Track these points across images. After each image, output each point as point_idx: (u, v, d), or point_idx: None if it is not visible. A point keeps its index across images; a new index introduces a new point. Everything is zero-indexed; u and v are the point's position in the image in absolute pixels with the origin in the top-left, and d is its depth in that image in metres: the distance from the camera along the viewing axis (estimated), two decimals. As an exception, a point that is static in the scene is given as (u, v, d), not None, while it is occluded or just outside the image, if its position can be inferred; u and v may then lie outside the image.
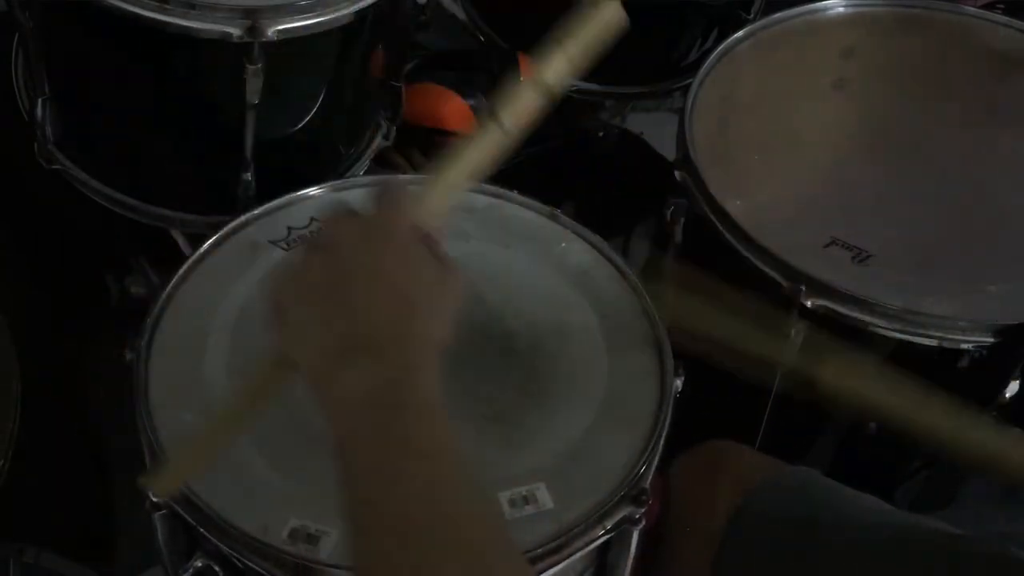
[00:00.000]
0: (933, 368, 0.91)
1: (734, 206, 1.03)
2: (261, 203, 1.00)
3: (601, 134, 1.48)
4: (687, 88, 1.15)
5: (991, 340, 0.95)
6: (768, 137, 1.15)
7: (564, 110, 0.92)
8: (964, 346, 0.97)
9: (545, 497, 0.80)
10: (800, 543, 0.89)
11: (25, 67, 1.18)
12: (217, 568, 0.80)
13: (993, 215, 1.10)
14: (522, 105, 0.72)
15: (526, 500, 0.80)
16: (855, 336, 0.98)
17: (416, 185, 0.71)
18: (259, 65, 1.00)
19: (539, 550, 0.77)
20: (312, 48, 1.07)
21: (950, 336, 0.96)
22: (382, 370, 0.60)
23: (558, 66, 0.71)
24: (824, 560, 0.87)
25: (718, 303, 0.90)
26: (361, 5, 1.05)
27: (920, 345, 0.97)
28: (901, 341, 0.97)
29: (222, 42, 0.99)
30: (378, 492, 0.57)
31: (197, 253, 0.95)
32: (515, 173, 0.97)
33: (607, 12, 0.73)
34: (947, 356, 0.97)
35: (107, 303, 1.39)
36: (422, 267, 0.65)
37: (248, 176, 1.10)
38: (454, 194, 0.71)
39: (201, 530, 0.78)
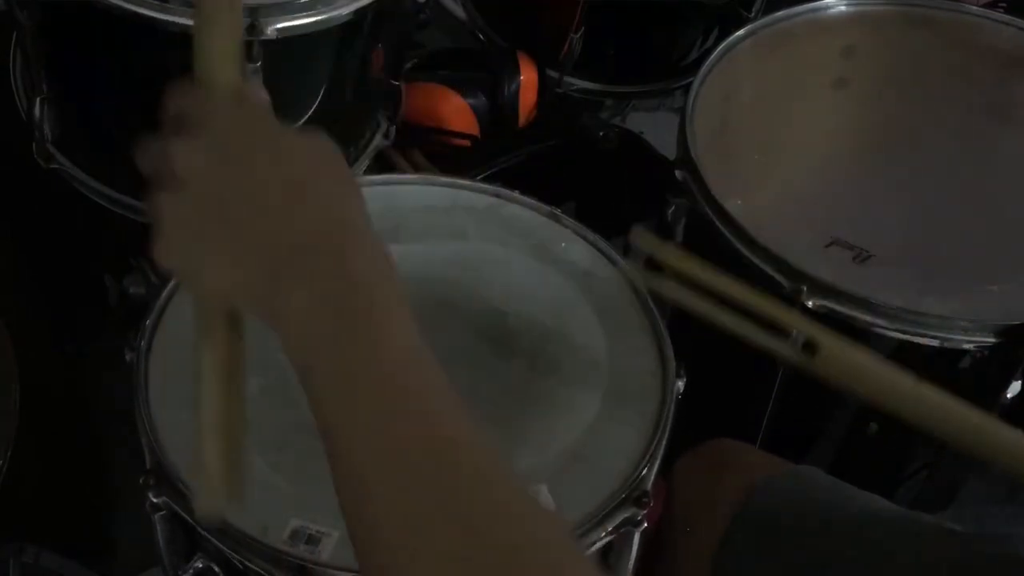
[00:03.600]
0: (934, 368, 0.91)
1: (734, 206, 1.03)
2: (261, 203, 0.99)
3: (601, 134, 1.48)
4: (687, 87, 1.14)
5: (992, 340, 0.95)
6: (769, 137, 1.15)
7: (564, 110, 0.93)
8: (965, 346, 0.96)
9: (546, 499, 0.80)
10: (802, 542, 0.89)
11: (23, 66, 1.18)
12: (217, 569, 0.80)
13: (994, 215, 1.10)
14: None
15: (527, 501, 0.80)
16: (856, 336, 0.98)
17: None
18: (258, 64, 1.00)
19: (540, 551, 0.77)
20: (311, 47, 1.07)
21: (951, 336, 0.96)
22: (322, 287, 0.52)
23: None
24: (826, 559, 0.87)
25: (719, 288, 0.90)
26: (361, 4, 1.04)
27: (921, 345, 0.96)
28: (902, 341, 0.97)
29: (222, 41, 0.99)
30: (349, 419, 0.50)
31: (197, 253, 0.94)
32: (515, 173, 0.97)
33: None
34: (948, 356, 0.97)
35: (107, 303, 1.39)
36: (307, 146, 0.58)
37: (248, 176, 1.10)
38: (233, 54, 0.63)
39: (201, 531, 0.78)
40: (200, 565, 0.80)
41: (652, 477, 0.85)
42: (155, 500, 0.79)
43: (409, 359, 0.51)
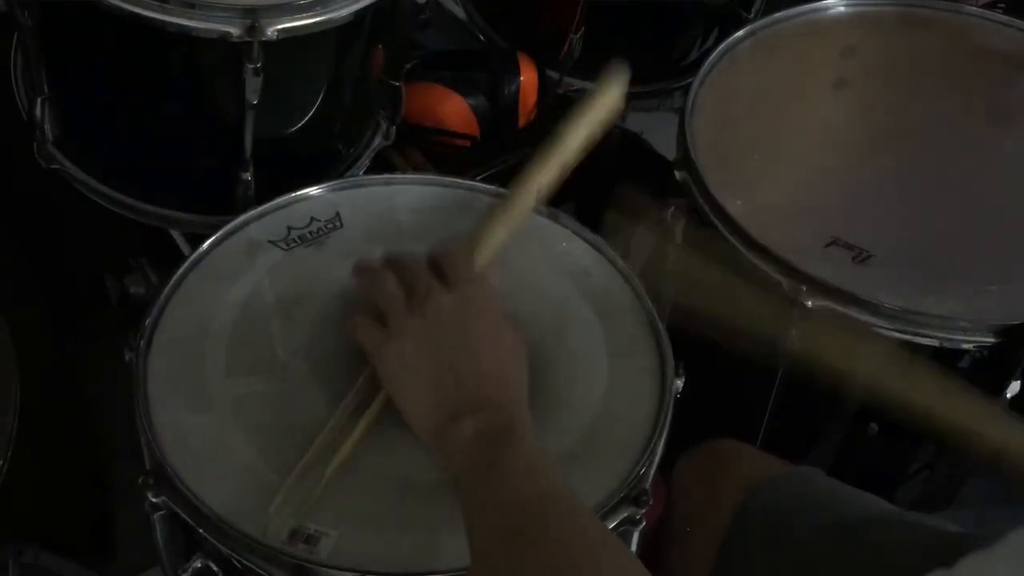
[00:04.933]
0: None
1: (734, 206, 1.03)
2: (261, 203, 1.00)
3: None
4: (687, 88, 1.15)
5: (992, 340, 0.95)
6: (768, 137, 1.15)
7: (564, 110, 0.93)
8: (965, 346, 0.97)
9: None
10: (802, 542, 0.89)
11: (24, 67, 1.18)
12: (216, 568, 0.80)
13: (994, 215, 1.10)
14: (556, 167, 0.89)
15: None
16: (856, 336, 0.98)
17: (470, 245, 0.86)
18: (258, 64, 1.00)
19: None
20: (312, 47, 1.07)
21: (951, 336, 0.96)
22: (487, 425, 0.73)
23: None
24: (826, 560, 0.87)
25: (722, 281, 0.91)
26: (361, 4, 1.04)
27: (921, 345, 0.96)
28: (902, 341, 0.97)
29: (222, 41, 0.99)
30: (495, 515, 0.69)
31: (196, 253, 0.94)
32: (515, 173, 0.97)
33: (610, 99, 0.84)
34: (948, 356, 0.97)
35: (107, 303, 1.39)
36: (506, 339, 0.80)
37: (248, 176, 1.10)
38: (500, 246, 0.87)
39: (200, 531, 0.78)
40: (199, 565, 0.80)
41: (651, 476, 0.85)
42: (154, 500, 0.79)
43: (533, 472, 0.71)
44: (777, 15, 1.25)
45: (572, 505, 0.69)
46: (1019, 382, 0.97)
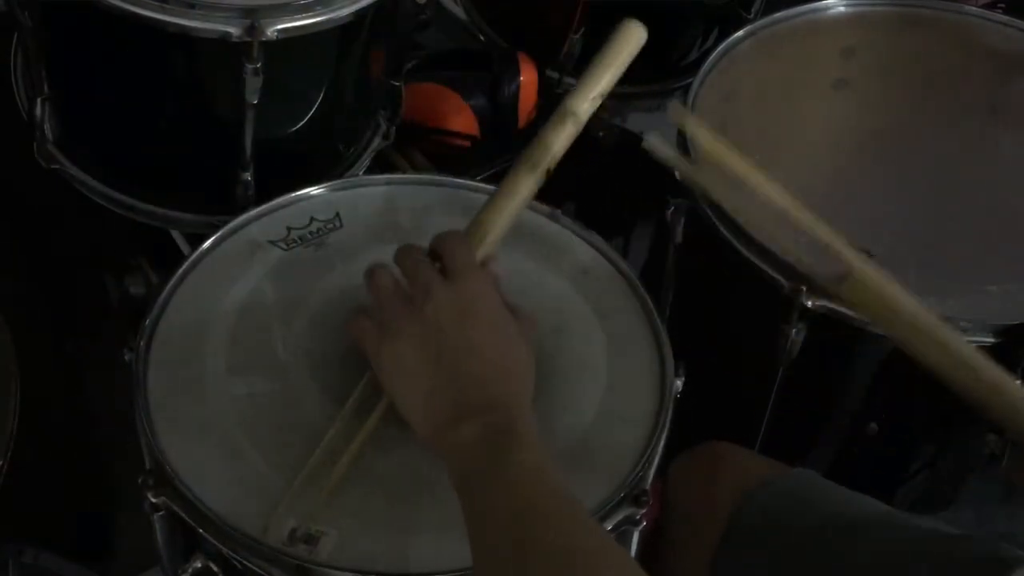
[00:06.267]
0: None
1: (734, 206, 1.03)
2: (261, 203, 1.00)
3: (601, 134, 1.48)
4: (687, 88, 1.15)
5: (991, 340, 0.95)
6: (769, 137, 1.15)
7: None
8: (965, 346, 0.96)
9: None
10: (799, 545, 0.89)
11: (24, 67, 1.18)
12: (216, 569, 0.80)
13: (994, 215, 1.10)
14: (560, 145, 0.85)
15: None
16: (856, 336, 0.98)
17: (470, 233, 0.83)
18: (258, 65, 1.00)
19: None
20: (312, 47, 1.07)
21: (951, 336, 0.96)
22: (487, 428, 0.71)
23: (592, 97, 0.79)
24: (823, 562, 0.87)
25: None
26: (361, 4, 1.04)
27: (921, 345, 0.96)
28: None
29: (221, 42, 0.99)
30: (495, 520, 0.68)
31: (196, 253, 0.94)
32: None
33: (634, 35, 0.82)
34: (947, 356, 0.97)
35: (107, 303, 1.39)
36: (509, 333, 0.77)
37: (248, 176, 1.10)
38: (502, 234, 0.84)
39: (200, 531, 0.78)
40: (199, 565, 0.80)
41: (651, 476, 0.85)
42: (154, 500, 0.79)
43: (535, 479, 0.70)
44: (777, 15, 1.25)
45: (573, 511, 0.69)
46: (1019, 382, 0.97)
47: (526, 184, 0.86)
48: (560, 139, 0.86)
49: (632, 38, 0.88)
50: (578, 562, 0.65)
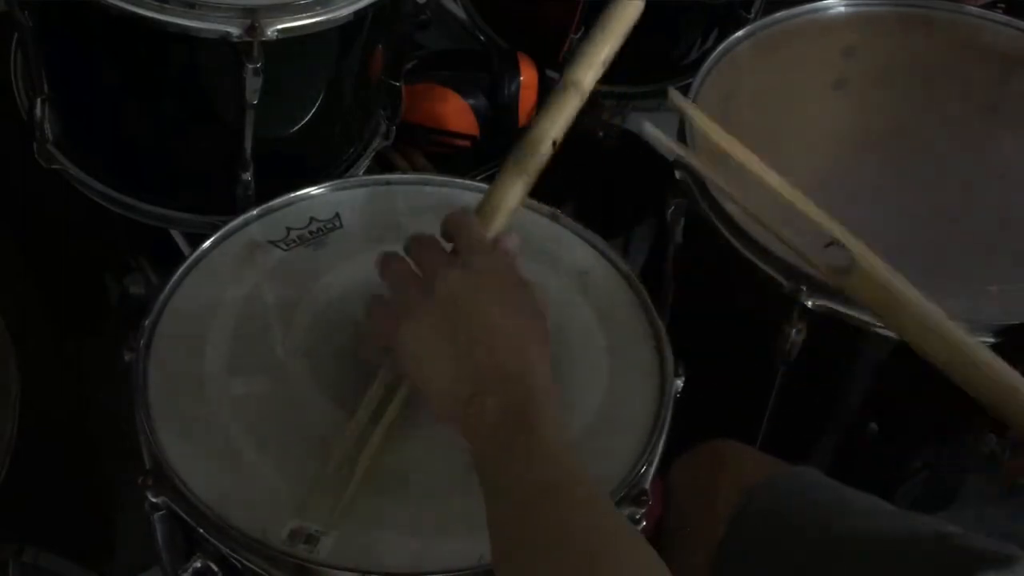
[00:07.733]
0: (933, 368, 0.91)
1: (734, 206, 1.03)
2: (260, 203, 1.00)
3: (601, 134, 1.48)
4: (687, 88, 1.14)
5: (991, 340, 0.95)
6: (768, 137, 1.15)
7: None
8: (965, 346, 0.96)
9: None
10: (800, 543, 0.88)
11: (24, 67, 1.18)
12: (216, 568, 0.80)
13: (994, 215, 1.10)
14: (564, 116, 0.84)
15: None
16: (856, 336, 0.98)
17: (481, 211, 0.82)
18: (258, 65, 1.00)
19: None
20: (312, 48, 1.07)
21: (951, 336, 0.96)
22: (508, 401, 0.71)
23: (593, 69, 0.79)
24: (824, 560, 0.87)
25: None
26: (361, 4, 1.04)
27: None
28: (901, 341, 0.96)
29: (221, 41, 0.99)
30: (513, 500, 0.68)
31: (196, 253, 0.94)
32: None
33: (630, 8, 0.81)
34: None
35: (107, 303, 1.39)
36: (524, 305, 0.77)
37: (247, 176, 1.10)
38: (512, 210, 0.83)
39: (200, 531, 0.78)
40: (199, 565, 0.80)
41: (651, 476, 0.85)
42: (154, 500, 0.79)
43: (555, 456, 0.69)
44: (777, 15, 1.25)
45: (591, 492, 0.69)
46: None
47: (533, 160, 0.85)
48: (564, 111, 0.86)
49: (629, 9, 0.87)
50: (596, 541, 0.65)
